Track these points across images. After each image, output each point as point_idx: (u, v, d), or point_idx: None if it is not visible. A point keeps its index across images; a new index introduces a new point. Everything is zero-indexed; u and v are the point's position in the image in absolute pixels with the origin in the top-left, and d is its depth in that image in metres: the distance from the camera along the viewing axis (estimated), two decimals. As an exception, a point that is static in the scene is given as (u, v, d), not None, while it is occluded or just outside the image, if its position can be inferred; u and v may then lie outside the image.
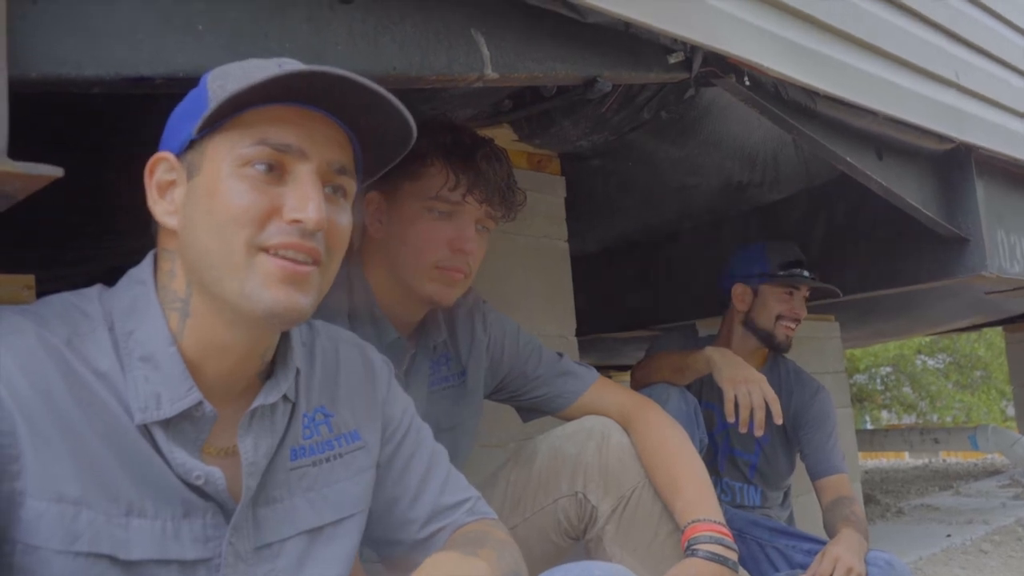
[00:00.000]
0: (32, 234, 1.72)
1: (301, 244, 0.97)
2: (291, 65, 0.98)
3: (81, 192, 1.38)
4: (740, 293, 2.72)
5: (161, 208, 1.02)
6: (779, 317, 2.66)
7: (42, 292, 1.10)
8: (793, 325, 2.67)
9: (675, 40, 1.78)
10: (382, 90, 0.98)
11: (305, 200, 0.96)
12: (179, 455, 0.99)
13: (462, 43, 1.43)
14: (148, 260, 1.06)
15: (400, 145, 1.07)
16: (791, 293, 2.67)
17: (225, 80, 0.98)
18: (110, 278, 1.07)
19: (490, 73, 1.45)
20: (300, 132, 0.98)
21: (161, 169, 1.02)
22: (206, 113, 0.95)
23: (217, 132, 0.98)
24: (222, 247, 0.96)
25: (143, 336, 1.00)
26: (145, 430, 0.98)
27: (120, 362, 0.98)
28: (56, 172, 0.95)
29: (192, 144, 0.99)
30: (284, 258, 0.97)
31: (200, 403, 0.99)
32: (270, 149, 0.97)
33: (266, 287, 0.96)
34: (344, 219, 1.04)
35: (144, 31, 1.09)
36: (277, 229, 0.96)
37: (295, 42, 1.22)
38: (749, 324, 2.72)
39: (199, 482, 0.99)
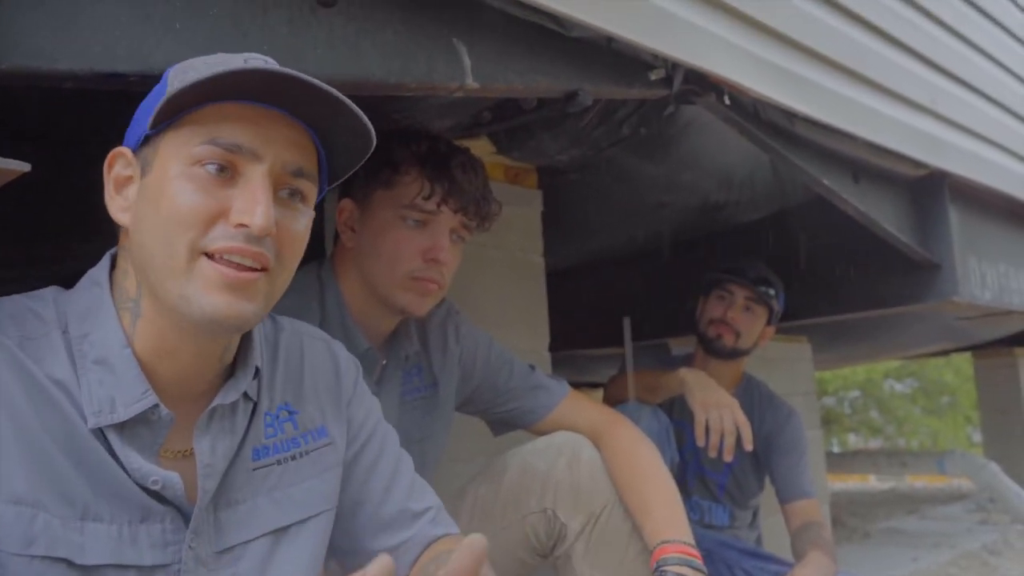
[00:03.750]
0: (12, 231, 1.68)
1: (246, 248, 0.93)
2: (255, 61, 0.95)
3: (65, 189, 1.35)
4: (698, 307, 2.72)
5: (116, 204, 1.00)
6: (711, 321, 2.65)
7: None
8: (724, 330, 2.63)
9: (657, 57, 1.79)
10: (340, 96, 0.95)
11: (253, 204, 0.93)
12: (134, 459, 0.96)
13: (443, 52, 1.42)
14: (105, 260, 1.04)
15: (360, 152, 1.04)
16: (724, 298, 2.65)
17: (186, 74, 0.95)
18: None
19: (471, 83, 1.44)
20: (254, 132, 0.95)
21: (119, 164, 1.00)
22: (158, 106, 0.93)
23: (171, 128, 0.96)
24: (165, 249, 0.94)
25: (97, 339, 0.98)
26: (100, 434, 0.95)
27: (74, 366, 0.96)
28: (23, 167, 0.93)
29: (147, 140, 0.97)
30: (228, 263, 0.93)
31: (156, 406, 0.97)
32: (220, 149, 0.94)
33: (206, 292, 0.93)
34: (299, 224, 1.00)
35: (122, 26, 1.07)
36: (222, 232, 0.93)
37: (274, 43, 1.20)
38: (698, 334, 2.71)
39: (156, 487, 0.97)
